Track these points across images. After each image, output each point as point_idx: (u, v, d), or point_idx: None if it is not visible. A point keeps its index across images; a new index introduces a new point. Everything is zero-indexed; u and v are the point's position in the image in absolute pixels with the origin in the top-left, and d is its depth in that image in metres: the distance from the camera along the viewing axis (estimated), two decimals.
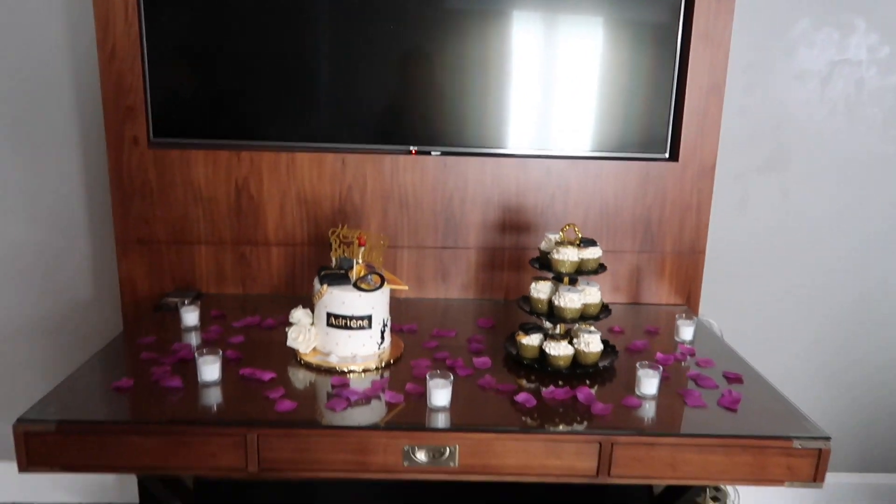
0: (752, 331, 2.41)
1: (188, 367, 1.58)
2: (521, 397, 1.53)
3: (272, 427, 1.40)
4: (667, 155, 2.16)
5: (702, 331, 2.01)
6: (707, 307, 2.33)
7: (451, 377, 1.48)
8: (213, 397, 1.51)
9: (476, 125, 2.12)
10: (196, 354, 1.56)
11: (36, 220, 2.25)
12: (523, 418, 1.46)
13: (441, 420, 1.44)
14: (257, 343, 1.81)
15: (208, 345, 1.77)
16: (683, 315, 1.96)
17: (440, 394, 1.47)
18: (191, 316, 1.89)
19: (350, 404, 1.48)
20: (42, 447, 1.36)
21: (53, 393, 1.49)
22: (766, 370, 1.80)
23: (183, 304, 1.90)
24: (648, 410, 1.53)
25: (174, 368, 1.62)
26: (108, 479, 2.43)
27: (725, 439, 1.42)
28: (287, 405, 1.46)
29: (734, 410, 1.53)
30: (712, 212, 2.23)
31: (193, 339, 1.83)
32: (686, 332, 1.93)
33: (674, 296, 2.26)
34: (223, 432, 1.39)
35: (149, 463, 1.40)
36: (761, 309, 2.42)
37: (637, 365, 1.60)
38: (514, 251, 2.20)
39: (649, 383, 1.57)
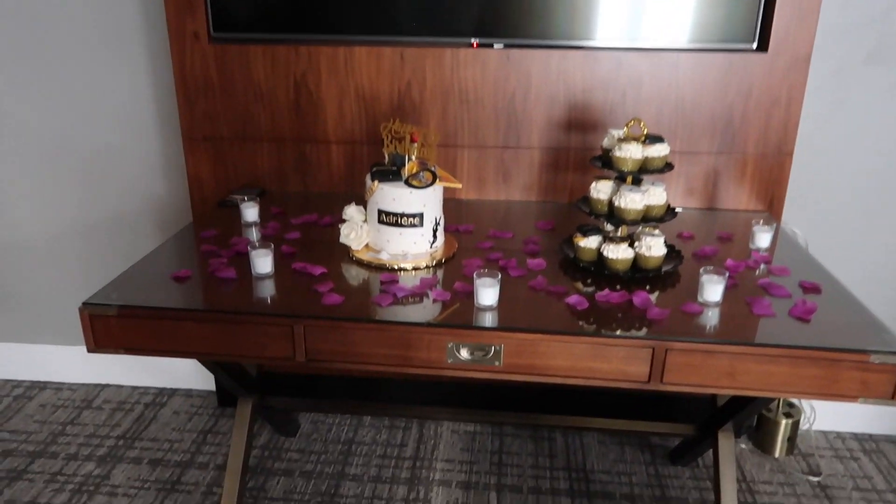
0: (839, 244, 2.22)
1: (244, 261, 1.61)
2: (572, 299, 1.47)
3: (318, 319, 1.41)
4: (754, 45, 1.95)
5: (782, 239, 1.86)
6: (790, 216, 2.15)
7: (499, 276, 1.44)
8: (265, 289, 1.54)
9: (541, 15, 1.97)
10: (249, 248, 1.58)
11: (107, 119, 2.31)
12: (573, 320, 1.41)
13: (487, 319, 1.41)
14: (313, 240, 1.82)
15: (266, 240, 1.80)
16: (761, 221, 1.82)
17: (487, 293, 1.43)
18: (250, 212, 1.91)
19: (396, 300, 1.47)
20: (105, 330, 1.44)
21: (117, 281, 1.56)
22: (851, 285, 1.65)
23: (243, 200, 1.92)
24: (709, 318, 1.44)
25: (231, 261, 1.66)
26: (190, 367, 2.59)
27: (792, 350, 1.32)
28: (334, 299, 1.46)
29: (806, 321, 1.42)
30: (803, 110, 2.01)
31: (252, 234, 1.86)
32: (762, 238, 1.79)
33: (754, 201, 2.09)
34: (272, 322, 1.42)
35: (203, 349, 1.45)
36: (851, 221, 2.21)
37: (701, 270, 1.50)
38: (579, 151, 2.09)
39: (713, 289, 1.47)
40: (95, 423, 2.38)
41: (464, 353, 1.39)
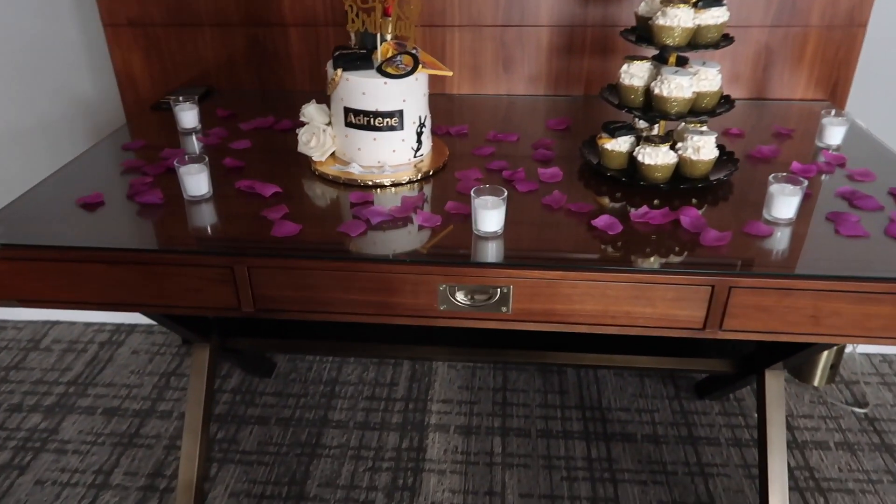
0: None
1: (175, 180, 1.23)
2: (601, 221, 1.12)
3: (266, 257, 1.06)
4: None
5: (855, 134, 1.48)
6: (855, 104, 1.76)
7: (505, 193, 1.08)
8: (199, 217, 1.18)
9: None
10: (176, 163, 1.21)
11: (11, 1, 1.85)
12: (603, 248, 1.07)
13: (490, 251, 1.06)
14: (267, 149, 1.44)
15: (207, 151, 1.43)
16: (832, 112, 1.44)
17: (489, 216, 1.07)
18: (187, 116, 1.52)
19: (369, 227, 1.12)
20: None
21: (7, 210, 1.19)
22: None
23: (178, 101, 1.53)
24: (782, 241, 1.09)
25: (157, 180, 1.29)
26: None
27: None
28: (287, 228, 1.11)
29: None
30: None
31: (192, 145, 1.47)
32: (833, 134, 1.42)
33: (813, 88, 1.70)
34: (206, 262, 1.07)
35: (117, 299, 1.11)
36: None
37: (770, 178, 1.14)
38: (599, 29, 1.66)
39: (786, 203, 1.11)
40: (43, 368, 2.08)
41: (460, 298, 1.05)
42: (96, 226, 1.15)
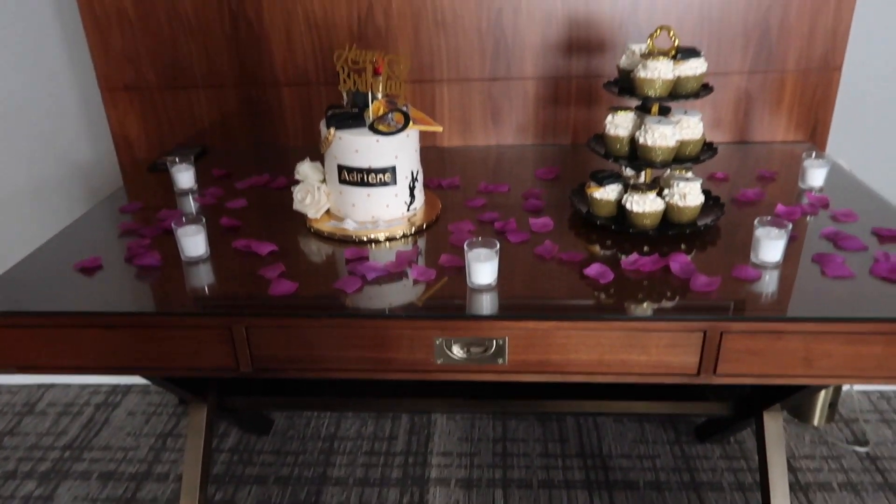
0: (890, 175, 1.88)
1: (172, 241, 1.25)
2: (592, 270, 1.14)
3: (263, 316, 1.07)
4: None
5: (836, 175, 1.52)
6: (835, 144, 1.81)
7: (497, 245, 1.10)
8: (196, 278, 1.19)
9: None
10: (173, 224, 1.22)
11: (12, 66, 1.90)
12: (596, 296, 1.08)
13: (485, 303, 1.08)
14: (263, 208, 1.46)
15: (204, 211, 1.45)
16: (812, 154, 1.48)
17: (483, 269, 1.09)
18: (184, 177, 1.55)
19: (365, 283, 1.13)
20: None
21: (6, 276, 1.20)
22: None
23: (175, 163, 1.55)
24: (770, 284, 1.11)
25: (154, 242, 1.31)
26: None
27: (888, 324, 1.00)
28: (285, 287, 1.12)
29: (894, 282, 1.09)
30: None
31: (188, 205, 1.50)
32: (815, 176, 1.45)
33: (793, 130, 1.74)
34: (204, 324, 1.08)
35: (117, 363, 1.11)
36: None
37: (755, 222, 1.16)
38: (584, 80, 1.71)
39: (772, 246, 1.14)
40: (38, 432, 2.06)
41: (457, 351, 1.06)
42: (94, 290, 1.16)
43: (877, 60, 1.76)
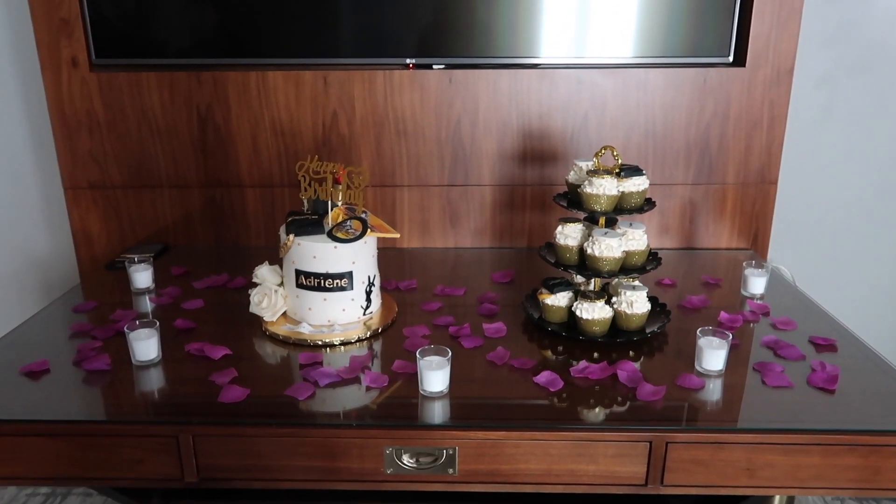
0: (835, 284, 1.97)
1: (125, 343, 1.24)
2: (542, 378, 1.16)
3: (211, 425, 1.06)
4: (730, 58, 1.71)
5: (775, 282, 1.59)
6: (775, 252, 1.91)
7: (449, 354, 1.12)
8: (146, 383, 1.18)
9: (486, 29, 1.69)
10: (126, 328, 1.22)
11: None
12: (545, 407, 1.10)
13: (436, 412, 1.09)
14: (219, 308, 1.47)
15: (160, 311, 1.45)
16: (753, 263, 1.55)
17: (435, 377, 1.11)
18: (142, 276, 1.55)
19: (317, 389, 1.14)
20: None
21: None
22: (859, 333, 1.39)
23: (133, 262, 1.56)
24: (713, 393, 1.14)
25: (106, 345, 1.30)
26: None
27: (825, 435, 1.03)
28: (235, 393, 1.12)
29: (831, 392, 1.13)
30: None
31: (144, 305, 1.50)
32: (756, 284, 1.52)
33: (736, 238, 1.84)
34: (149, 433, 1.07)
35: (61, 472, 1.08)
36: (844, 255, 1.98)
37: (698, 332, 1.21)
38: (538, 187, 1.80)
39: (714, 356, 1.18)
40: None
41: (407, 461, 1.06)
42: (39, 395, 1.14)
43: (810, 175, 1.89)
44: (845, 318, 1.43)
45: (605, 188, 1.27)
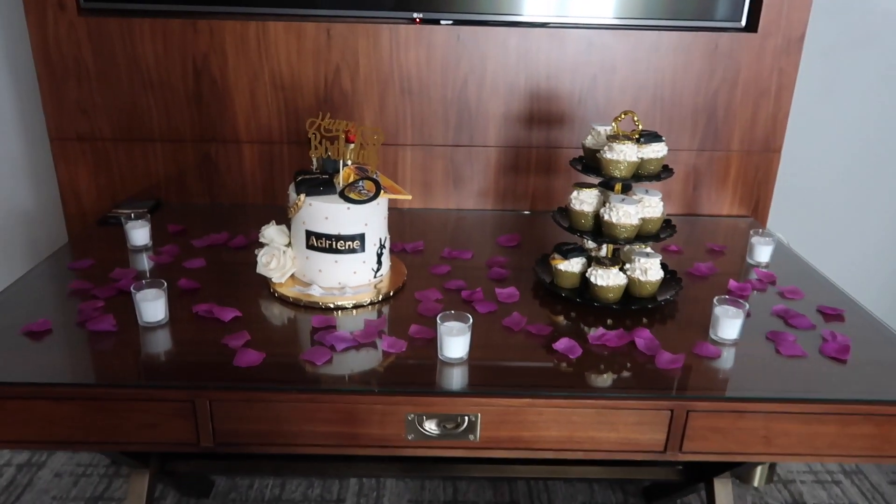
0: (832, 253, 2.00)
1: (127, 303, 1.20)
2: (561, 345, 1.16)
3: (228, 390, 1.04)
4: (742, 23, 1.68)
5: (779, 251, 1.61)
6: (774, 221, 1.92)
7: (471, 320, 1.10)
8: (155, 344, 1.15)
9: None
10: (133, 288, 1.18)
11: None
12: (566, 374, 1.10)
13: (456, 378, 1.08)
14: (222, 268, 1.43)
15: (160, 270, 1.40)
16: (760, 231, 1.56)
17: (456, 343, 1.09)
18: (139, 233, 1.50)
19: (334, 355, 1.12)
20: None
21: None
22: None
23: (129, 217, 1.51)
24: (729, 362, 1.15)
25: (108, 304, 1.25)
26: None
27: (841, 405, 1.05)
28: (250, 357, 1.09)
29: (843, 361, 1.15)
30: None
31: (142, 263, 1.45)
32: (762, 252, 1.53)
33: (737, 206, 1.84)
34: (162, 397, 1.04)
35: (66, 436, 1.04)
36: (842, 224, 2.00)
37: (714, 300, 1.21)
38: (543, 150, 1.77)
39: (731, 325, 1.19)
40: None
41: (429, 427, 1.05)
42: (43, 357, 1.10)
43: (813, 144, 1.89)
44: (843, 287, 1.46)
45: (625, 154, 1.25)
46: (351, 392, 1.04)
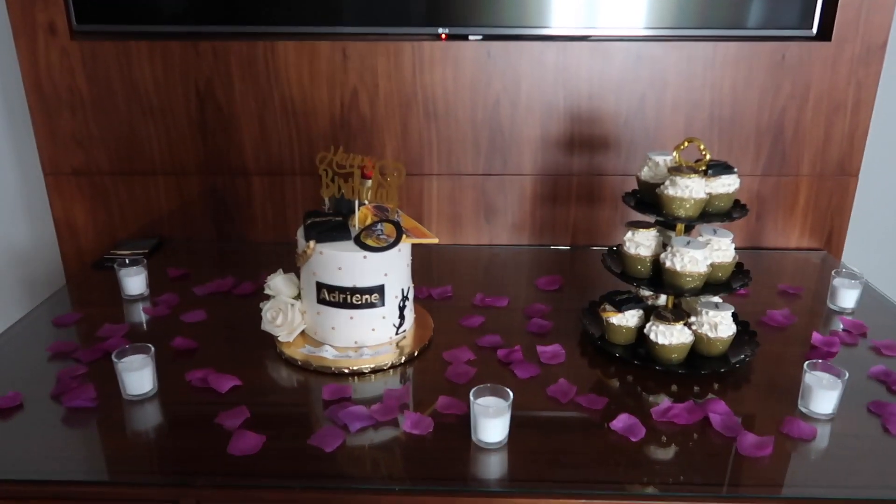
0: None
1: (113, 369, 1.03)
2: (620, 423, 0.96)
3: (219, 487, 0.86)
4: (814, 30, 1.48)
5: (865, 293, 1.38)
6: (851, 255, 1.69)
7: (511, 397, 0.91)
8: (138, 423, 0.98)
9: None
10: (114, 357, 1.01)
11: None
12: (625, 463, 0.90)
13: (493, 468, 0.89)
14: (224, 322, 1.26)
15: (155, 324, 1.24)
16: (842, 271, 1.34)
17: (493, 425, 0.90)
18: (134, 281, 1.34)
19: (347, 437, 0.93)
20: None
21: None
22: None
23: (124, 263, 1.35)
24: (827, 443, 0.94)
25: (91, 371, 1.09)
26: None
27: None
28: (248, 442, 0.91)
29: None
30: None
31: (137, 315, 1.29)
32: (847, 296, 1.32)
33: (807, 237, 1.63)
34: (144, 497, 0.86)
35: None
36: None
37: (805, 366, 1.01)
38: (585, 178, 1.58)
39: (826, 397, 0.98)
40: None
41: None
42: (8, 441, 0.93)
43: (893, 168, 1.67)
44: None
45: (691, 190, 1.05)
46: (365, 490, 0.86)
